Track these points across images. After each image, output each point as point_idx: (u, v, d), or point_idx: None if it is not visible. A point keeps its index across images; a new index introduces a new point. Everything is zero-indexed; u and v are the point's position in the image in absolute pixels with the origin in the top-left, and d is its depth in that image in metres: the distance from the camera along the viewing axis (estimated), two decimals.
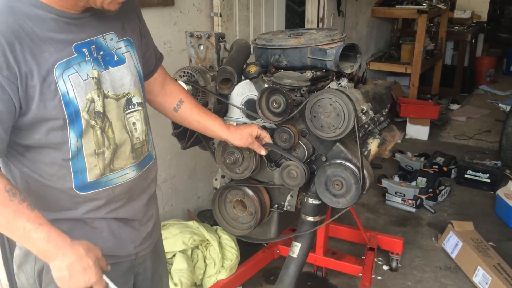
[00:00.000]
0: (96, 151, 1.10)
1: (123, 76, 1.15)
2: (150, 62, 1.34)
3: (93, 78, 1.07)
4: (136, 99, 1.19)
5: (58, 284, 1.04)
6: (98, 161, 1.11)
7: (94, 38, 1.09)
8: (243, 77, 1.78)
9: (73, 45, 1.04)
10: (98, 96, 1.08)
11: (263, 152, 1.61)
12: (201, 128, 1.51)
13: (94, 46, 1.09)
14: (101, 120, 1.10)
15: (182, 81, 1.71)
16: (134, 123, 1.19)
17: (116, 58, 1.14)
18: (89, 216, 1.14)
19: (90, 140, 1.09)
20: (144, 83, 1.29)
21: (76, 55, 1.04)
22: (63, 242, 1.01)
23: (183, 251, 2.38)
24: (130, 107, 1.18)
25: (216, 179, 1.96)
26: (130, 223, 1.23)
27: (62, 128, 1.03)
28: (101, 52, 1.10)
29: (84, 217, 1.14)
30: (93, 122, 1.08)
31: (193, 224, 2.53)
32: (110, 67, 1.12)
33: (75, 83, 1.03)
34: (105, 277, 1.08)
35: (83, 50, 1.06)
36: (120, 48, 1.16)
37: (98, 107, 1.09)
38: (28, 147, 1.04)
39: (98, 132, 1.10)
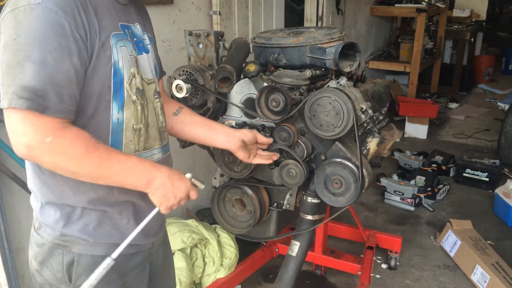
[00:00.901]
0: (134, 126, 1.15)
1: (150, 64, 1.23)
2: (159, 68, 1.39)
3: (133, 56, 1.13)
4: (158, 88, 1.26)
5: (164, 203, 1.12)
6: (134, 137, 1.16)
7: (129, 24, 1.16)
8: (242, 76, 1.78)
9: (119, 23, 1.12)
10: (138, 74, 1.15)
11: (274, 157, 1.62)
12: (203, 129, 1.49)
13: (130, 31, 1.16)
14: (141, 97, 1.16)
15: (181, 80, 1.71)
16: (159, 109, 1.26)
17: (145, 47, 1.21)
18: (119, 198, 1.15)
19: (130, 114, 1.13)
20: None
21: (122, 32, 1.11)
22: (152, 162, 1.12)
23: (182, 250, 2.38)
24: (156, 94, 1.24)
25: (215, 178, 1.96)
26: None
27: (106, 96, 1.07)
28: (135, 39, 1.17)
29: (114, 201, 1.15)
30: (134, 97, 1.14)
31: (192, 222, 2.53)
32: (143, 53, 1.19)
33: (124, 55, 1.09)
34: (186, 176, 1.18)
35: (125, 30, 1.13)
36: (145, 39, 1.23)
37: (138, 84, 1.15)
38: (74, 121, 1.05)
39: (139, 107, 1.16)
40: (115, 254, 1.08)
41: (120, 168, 1.04)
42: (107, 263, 1.07)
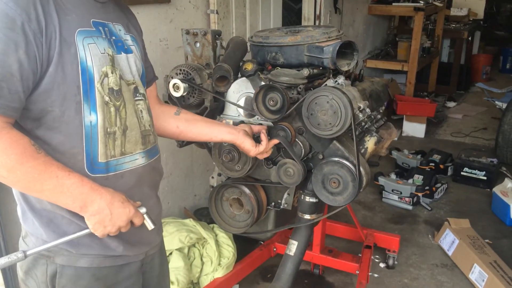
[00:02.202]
0: (108, 129, 1.08)
1: (131, 65, 1.18)
2: (149, 72, 1.35)
3: (108, 54, 1.09)
4: (141, 89, 1.21)
5: (100, 229, 1.04)
6: (109, 141, 1.09)
7: (106, 22, 1.12)
8: (239, 75, 1.77)
9: (91, 20, 1.07)
10: (112, 73, 1.09)
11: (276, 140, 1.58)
12: (207, 125, 1.45)
13: (107, 29, 1.12)
14: (116, 98, 1.10)
15: (178, 79, 1.70)
16: (141, 111, 1.19)
17: (125, 47, 1.17)
18: None
19: (103, 116, 1.07)
20: None
21: (94, 29, 1.07)
22: (94, 184, 1.03)
23: (179, 249, 2.38)
24: (138, 95, 1.19)
25: (212, 177, 1.96)
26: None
27: (76, 97, 1.02)
28: (113, 37, 1.13)
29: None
30: (107, 98, 1.07)
31: (189, 222, 2.53)
32: (122, 53, 1.15)
33: (93, 53, 1.04)
34: (139, 209, 1.11)
35: (99, 28, 1.09)
36: (127, 40, 1.19)
37: (112, 84, 1.09)
38: (41, 122, 1.01)
39: (112, 109, 1.09)
40: (29, 252, 1.03)
41: (55, 184, 0.97)
42: (17, 256, 1.01)
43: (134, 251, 1.19)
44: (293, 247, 1.80)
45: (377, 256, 2.88)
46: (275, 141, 1.59)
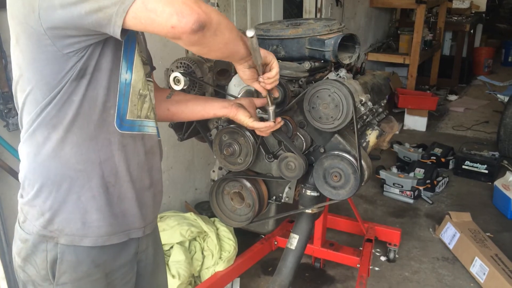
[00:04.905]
0: (141, 91, 1.13)
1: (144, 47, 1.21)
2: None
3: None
4: (149, 74, 1.23)
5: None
6: (139, 103, 1.13)
7: None
8: None
9: None
10: (138, 44, 1.12)
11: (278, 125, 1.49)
12: (198, 103, 1.45)
13: None
14: (145, 68, 1.14)
15: (179, 72, 1.69)
16: (151, 91, 1.22)
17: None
18: (118, 167, 1.12)
19: (139, 78, 1.11)
20: None
21: None
22: None
23: (180, 243, 2.38)
24: (148, 76, 1.20)
25: (213, 171, 1.95)
26: (148, 190, 1.25)
27: (116, 49, 1.05)
28: None
29: (113, 170, 1.11)
30: (144, 59, 1.12)
31: (190, 215, 2.53)
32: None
33: None
34: None
35: None
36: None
37: (140, 54, 1.13)
38: (86, 72, 1.02)
39: (143, 74, 1.14)
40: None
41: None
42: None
43: (137, 224, 1.21)
44: (294, 241, 1.80)
45: (378, 250, 2.88)
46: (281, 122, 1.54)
